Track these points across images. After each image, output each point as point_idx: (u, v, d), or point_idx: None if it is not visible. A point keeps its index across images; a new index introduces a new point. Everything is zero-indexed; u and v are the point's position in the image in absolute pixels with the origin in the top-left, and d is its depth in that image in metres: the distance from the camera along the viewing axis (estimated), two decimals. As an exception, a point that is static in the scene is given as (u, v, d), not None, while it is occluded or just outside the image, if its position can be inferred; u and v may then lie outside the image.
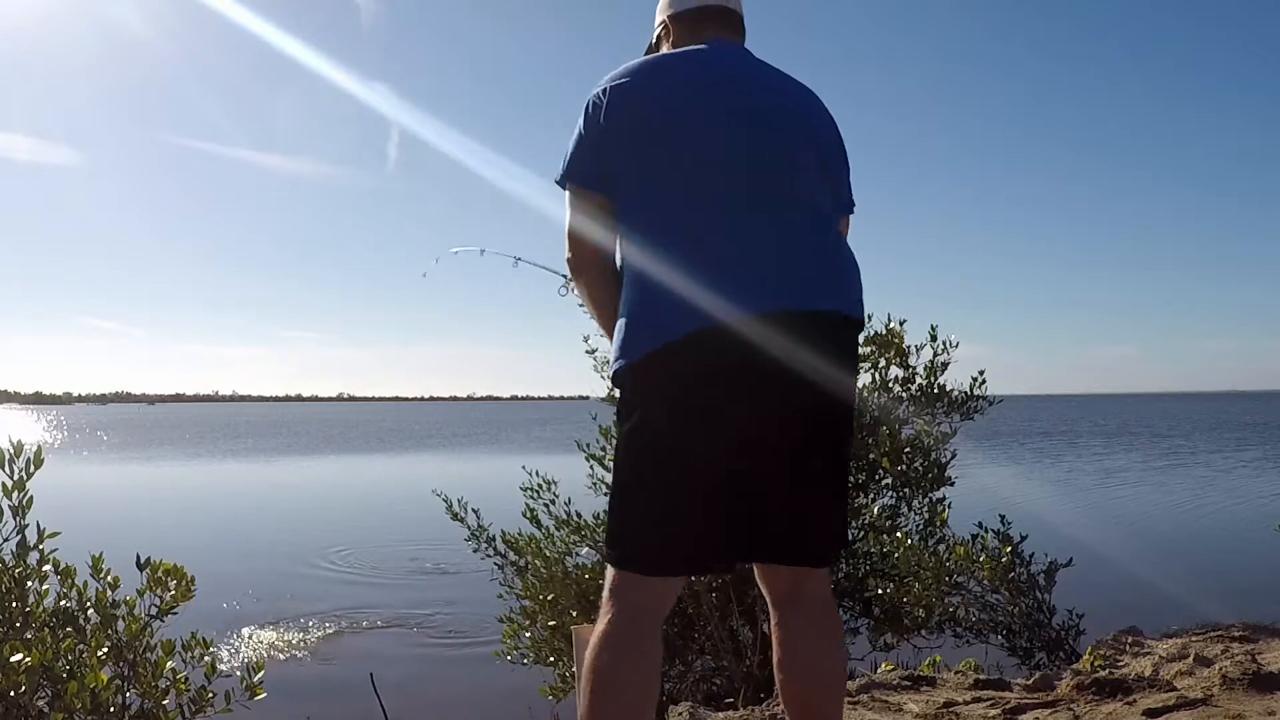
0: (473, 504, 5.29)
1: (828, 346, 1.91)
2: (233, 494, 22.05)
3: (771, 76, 2.11)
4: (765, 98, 2.05)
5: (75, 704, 2.71)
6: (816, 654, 2.00)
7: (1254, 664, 3.32)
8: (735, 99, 2.01)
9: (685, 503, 1.86)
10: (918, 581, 4.79)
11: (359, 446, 42.01)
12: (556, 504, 5.14)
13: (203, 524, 15.39)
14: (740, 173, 1.96)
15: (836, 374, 1.93)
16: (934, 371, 5.06)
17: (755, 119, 2.00)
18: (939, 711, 3.17)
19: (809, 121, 2.10)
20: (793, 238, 1.95)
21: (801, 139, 2.06)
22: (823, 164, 2.09)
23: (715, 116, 1.98)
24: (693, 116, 1.98)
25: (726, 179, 1.95)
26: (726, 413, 1.85)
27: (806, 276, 1.93)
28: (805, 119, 2.10)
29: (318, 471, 28.50)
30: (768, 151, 1.99)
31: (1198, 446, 32.70)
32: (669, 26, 2.25)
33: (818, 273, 1.95)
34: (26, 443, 3.04)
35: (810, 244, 1.97)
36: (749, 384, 1.84)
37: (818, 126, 2.12)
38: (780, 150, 2.01)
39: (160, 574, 3.11)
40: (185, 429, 65.90)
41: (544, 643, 4.95)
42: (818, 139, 2.10)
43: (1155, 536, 12.91)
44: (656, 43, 2.31)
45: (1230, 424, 51.88)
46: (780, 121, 2.03)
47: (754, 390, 1.85)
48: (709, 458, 1.85)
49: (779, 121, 2.03)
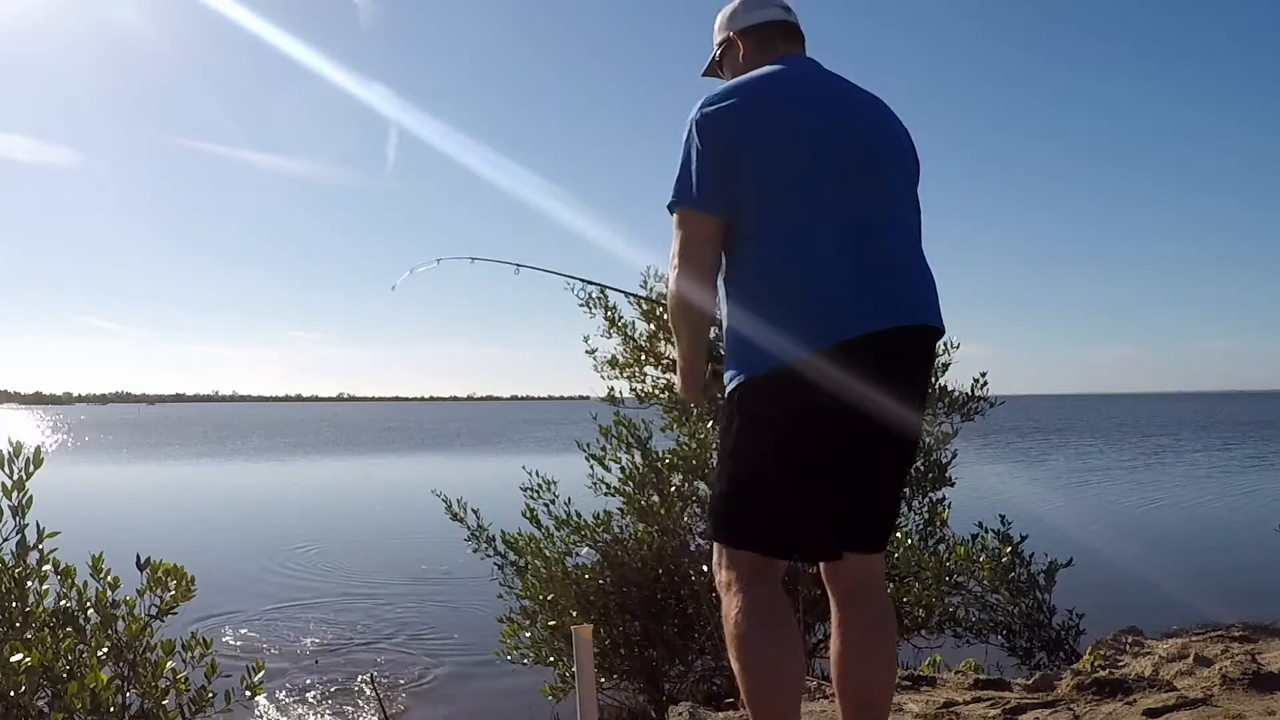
0: (472, 504, 5.29)
1: (921, 353, 2.15)
2: (233, 494, 22.04)
3: (855, 93, 2.22)
4: (865, 118, 2.16)
5: (75, 704, 2.71)
6: (881, 646, 2.16)
7: (1254, 664, 3.32)
8: (840, 121, 2.11)
9: (802, 500, 2.04)
10: (918, 581, 4.79)
11: (359, 447, 42.00)
12: (556, 504, 5.14)
13: (203, 524, 15.40)
14: (857, 194, 2.07)
15: (919, 384, 2.15)
16: (935, 372, 5.06)
17: (863, 142, 2.11)
18: (939, 711, 3.17)
19: (900, 140, 2.23)
20: (897, 256, 2.09)
21: (899, 158, 2.19)
22: (912, 181, 2.23)
23: (829, 140, 2.08)
24: (808, 139, 2.07)
25: (845, 201, 2.06)
26: (836, 425, 2.02)
27: (905, 294, 2.09)
28: (898, 138, 2.22)
29: (317, 472, 28.51)
30: (877, 173, 2.11)
31: (1187, 445, 32.72)
32: (737, 42, 2.31)
33: (915, 290, 2.11)
34: (26, 443, 3.04)
35: (909, 261, 2.13)
36: (853, 402, 2.00)
37: (906, 143, 2.25)
38: (885, 171, 2.13)
39: (160, 574, 3.11)
40: (185, 429, 65.90)
41: (544, 643, 4.95)
42: (907, 156, 2.23)
43: (1155, 536, 12.92)
44: (721, 56, 2.36)
45: (1226, 423, 51.89)
46: (880, 143, 2.15)
47: (858, 406, 2.01)
48: (822, 462, 2.03)
49: (879, 143, 2.15)
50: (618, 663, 4.97)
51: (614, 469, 4.98)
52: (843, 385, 1.98)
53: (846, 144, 2.08)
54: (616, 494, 4.97)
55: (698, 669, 5.06)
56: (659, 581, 4.99)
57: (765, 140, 2.05)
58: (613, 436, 4.97)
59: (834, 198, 2.05)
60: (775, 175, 2.04)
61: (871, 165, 2.10)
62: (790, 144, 2.05)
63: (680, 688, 4.95)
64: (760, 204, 2.05)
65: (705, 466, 4.86)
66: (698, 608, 4.84)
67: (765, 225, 2.04)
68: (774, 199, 2.04)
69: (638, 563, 4.95)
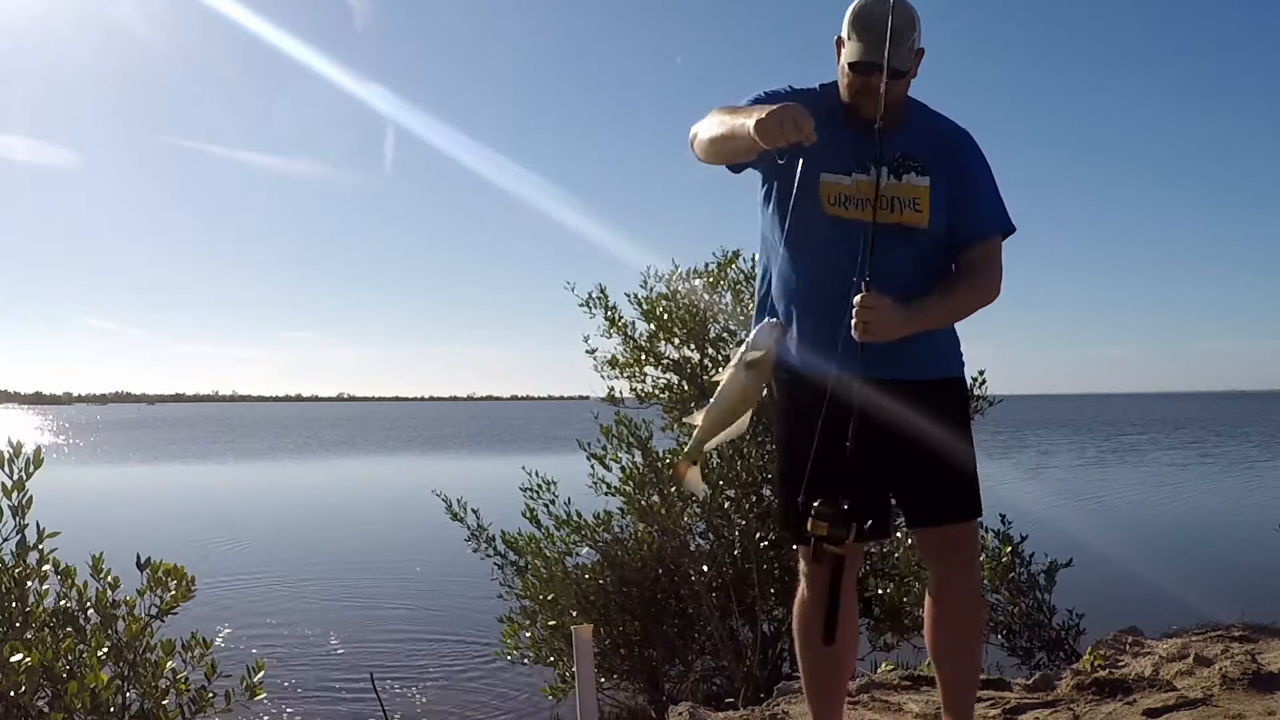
0: (472, 504, 5.29)
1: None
2: (233, 493, 22.04)
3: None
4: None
5: (75, 704, 2.71)
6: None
7: (1254, 664, 3.32)
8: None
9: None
10: (918, 581, 4.79)
11: (359, 447, 41.99)
12: (556, 504, 5.13)
13: (203, 523, 15.38)
14: None
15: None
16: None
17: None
18: (939, 711, 3.17)
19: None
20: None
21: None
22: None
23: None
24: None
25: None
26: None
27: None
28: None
29: (316, 471, 28.50)
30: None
31: (1188, 445, 32.70)
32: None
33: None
34: (26, 443, 3.04)
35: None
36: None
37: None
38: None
39: (160, 574, 3.10)
40: (185, 429, 65.87)
41: (544, 643, 4.95)
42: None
43: (1155, 536, 12.90)
44: (915, 63, 2.33)
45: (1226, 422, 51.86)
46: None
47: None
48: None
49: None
50: (618, 663, 4.97)
51: (614, 469, 4.98)
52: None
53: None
54: (617, 494, 4.97)
55: (698, 669, 5.06)
56: (659, 581, 4.99)
57: None
58: (613, 436, 4.97)
59: None
60: None
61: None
62: None
63: (680, 688, 4.95)
64: None
65: (705, 467, 4.85)
66: (698, 608, 4.84)
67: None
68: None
69: (638, 563, 4.96)
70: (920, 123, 2.38)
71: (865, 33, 2.21)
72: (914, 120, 2.37)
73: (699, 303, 5.29)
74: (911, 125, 2.36)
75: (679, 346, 5.37)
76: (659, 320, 5.34)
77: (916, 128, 2.37)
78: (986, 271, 2.37)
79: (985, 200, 2.39)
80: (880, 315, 2.16)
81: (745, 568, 4.80)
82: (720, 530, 4.96)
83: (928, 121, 2.40)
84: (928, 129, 2.39)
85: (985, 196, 2.39)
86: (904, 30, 2.20)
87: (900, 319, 2.21)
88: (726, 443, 4.98)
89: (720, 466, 4.92)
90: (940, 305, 2.33)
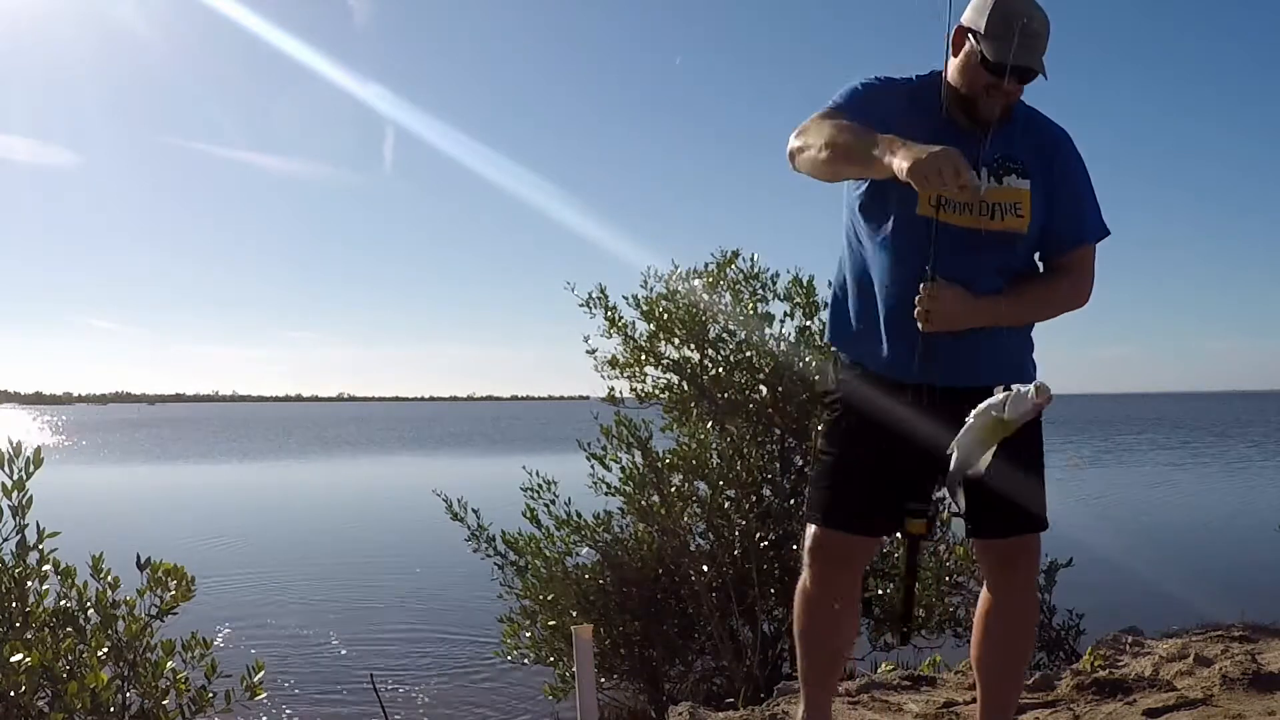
0: (472, 504, 5.29)
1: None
2: (234, 493, 22.03)
3: None
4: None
5: (75, 704, 2.71)
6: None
7: (1254, 664, 3.32)
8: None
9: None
10: (918, 581, 4.78)
11: (359, 447, 41.99)
12: (556, 504, 5.13)
13: (203, 523, 15.37)
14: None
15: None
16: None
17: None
18: (939, 711, 3.17)
19: None
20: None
21: None
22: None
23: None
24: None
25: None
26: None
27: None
28: None
29: (316, 471, 28.51)
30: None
31: (1187, 445, 32.70)
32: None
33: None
34: (26, 443, 3.04)
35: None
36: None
37: None
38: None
39: (160, 574, 3.11)
40: (186, 429, 65.87)
41: (544, 643, 4.95)
42: None
43: (1155, 536, 12.89)
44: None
45: (1226, 422, 51.87)
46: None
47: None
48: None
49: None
50: (618, 663, 4.97)
51: (614, 469, 4.98)
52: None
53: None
54: (617, 494, 4.97)
55: (698, 669, 5.06)
56: (659, 581, 4.99)
57: None
58: (613, 436, 4.97)
59: None
60: None
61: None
62: None
63: (680, 688, 4.95)
64: None
65: (705, 466, 4.85)
66: (698, 608, 4.84)
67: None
68: None
69: (638, 563, 4.96)
70: (1020, 121, 2.27)
71: (1007, 32, 2.08)
72: (1014, 118, 2.25)
73: (699, 303, 5.29)
74: (1012, 124, 2.25)
75: (679, 347, 5.37)
76: (659, 320, 5.34)
77: (1016, 126, 2.26)
78: (1080, 275, 2.30)
79: (1086, 205, 2.30)
80: (941, 304, 2.11)
81: (745, 568, 4.79)
82: (720, 530, 4.96)
83: (1028, 119, 2.29)
84: (1028, 128, 2.28)
85: (1086, 201, 2.30)
86: (1045, 35, 2.13)
87: (968, 307, 2.15)
88: (726, 443, 5.01)
89: (720, 466, 4.93)
90: (1019, 300, 2.24)
